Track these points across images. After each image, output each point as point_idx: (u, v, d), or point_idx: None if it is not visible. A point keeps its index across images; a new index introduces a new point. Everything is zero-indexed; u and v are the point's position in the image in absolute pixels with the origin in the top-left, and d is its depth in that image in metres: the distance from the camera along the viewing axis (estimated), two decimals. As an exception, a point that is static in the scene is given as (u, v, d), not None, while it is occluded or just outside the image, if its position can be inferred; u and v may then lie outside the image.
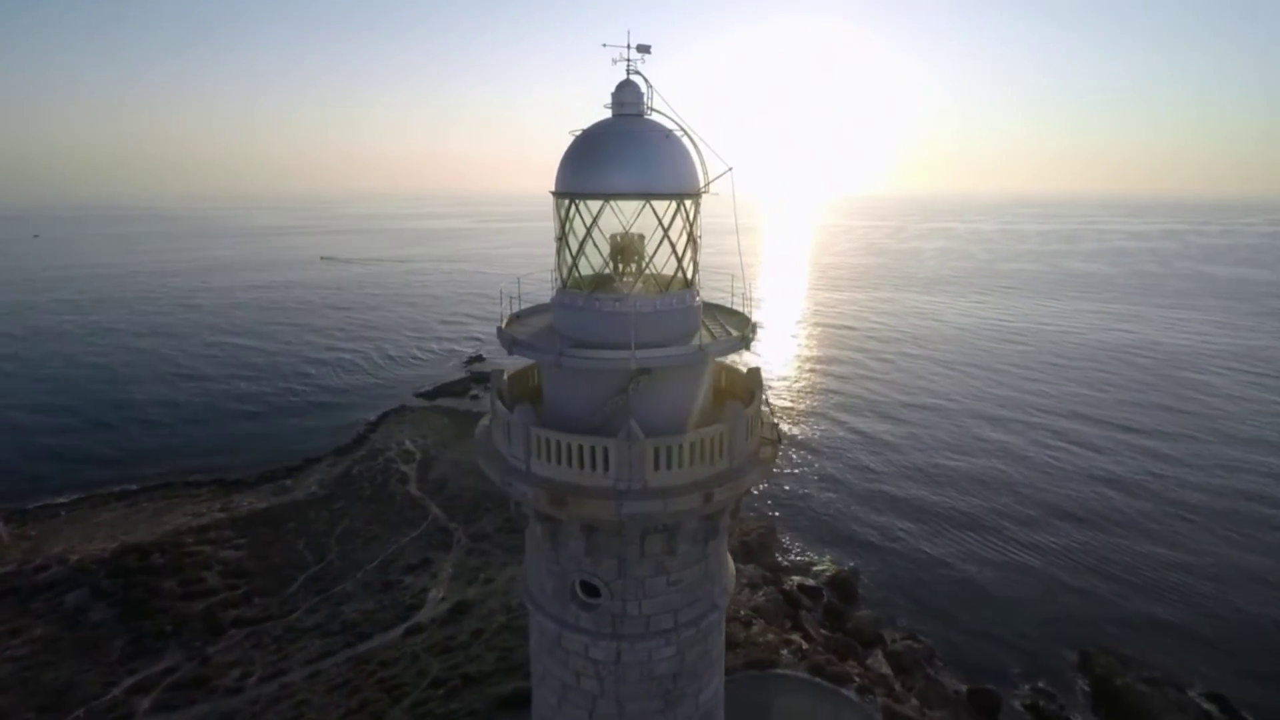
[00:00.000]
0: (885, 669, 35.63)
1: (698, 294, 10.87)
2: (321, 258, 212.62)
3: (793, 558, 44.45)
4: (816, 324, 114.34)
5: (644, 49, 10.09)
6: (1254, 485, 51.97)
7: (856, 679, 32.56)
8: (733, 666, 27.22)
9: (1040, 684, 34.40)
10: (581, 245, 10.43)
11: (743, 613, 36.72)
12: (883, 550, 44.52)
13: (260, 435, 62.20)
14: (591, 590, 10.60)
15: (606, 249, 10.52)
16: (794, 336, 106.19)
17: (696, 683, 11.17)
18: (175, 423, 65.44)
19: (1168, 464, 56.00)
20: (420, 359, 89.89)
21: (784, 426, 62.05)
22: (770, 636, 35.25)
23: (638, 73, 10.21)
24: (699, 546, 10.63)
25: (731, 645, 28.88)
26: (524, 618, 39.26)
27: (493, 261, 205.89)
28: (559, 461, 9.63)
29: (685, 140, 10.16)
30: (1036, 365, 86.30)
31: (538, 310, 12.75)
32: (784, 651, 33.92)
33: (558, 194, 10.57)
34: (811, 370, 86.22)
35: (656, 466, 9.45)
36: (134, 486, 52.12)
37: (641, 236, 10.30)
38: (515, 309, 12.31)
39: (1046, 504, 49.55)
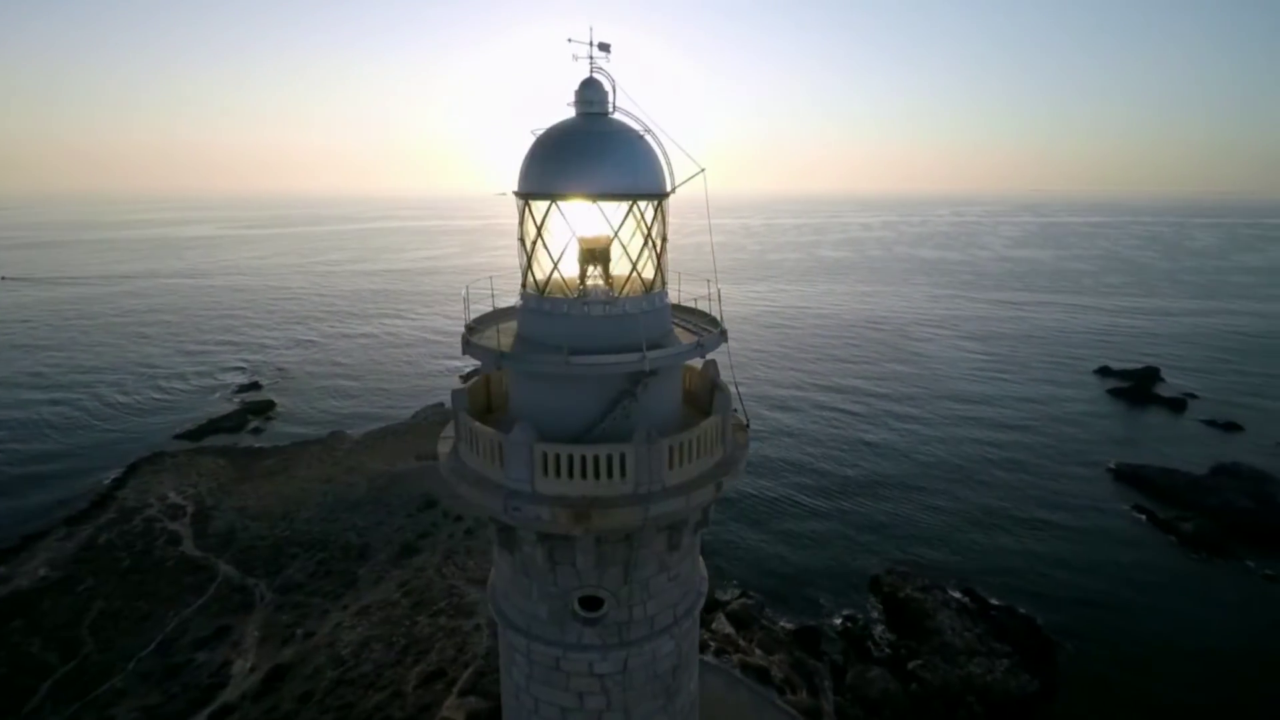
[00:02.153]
0: (728, 628, 38.80)
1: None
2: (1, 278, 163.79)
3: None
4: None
5: (604, 47, 9.91)
6: (969, 433, 64.71)
7: (711, 644, 35.15)
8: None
9: (846, 610, 40.26)
10: (564, 250, 9.94)
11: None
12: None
13: (-65, 522, 46.80)
14: (592, 604, 10.23)
15: (570, 252, 10.11)
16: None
17: (689, 671, 11.40)
18: None
19: (908, 421, 68.11)
20: (168, 399, 74.18)
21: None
22: (629, 624, 36.32)
23: (601, 69, 10.00)
24: (693, 537, 10.86)
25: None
26: (360, 667, 35.47)
27: (251, 274, 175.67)
28: (570, 475, 9.14)
29: (652, 139, 10.20)
30: (803, 344, 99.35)
31: (489, 319, 11.79)
32: (644, 635, 35.19)
33: (531, 195, 9.91)
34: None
35: (671, 465, 9.46)
36: None
37: (610, 238, 10.14)
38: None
39: (824, 470, 57.32)
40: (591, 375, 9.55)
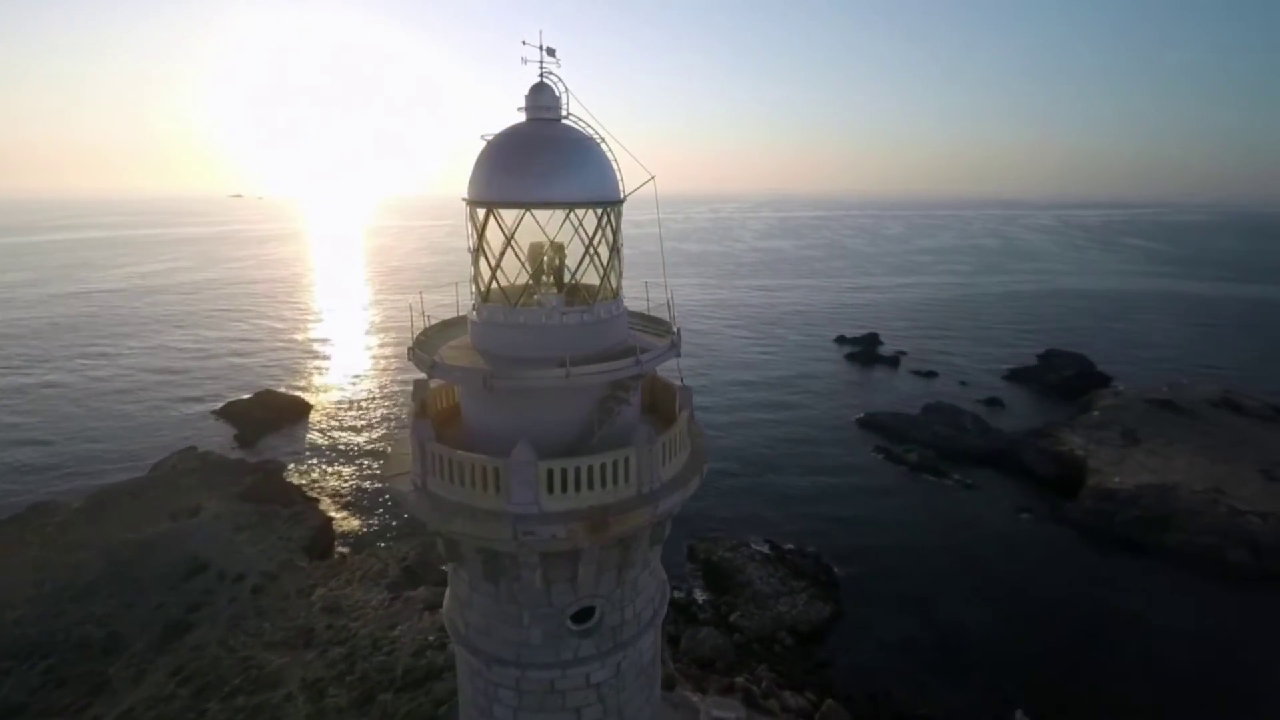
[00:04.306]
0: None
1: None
2: None
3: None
4: (389, 329, 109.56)
5: (551, 51, 9.54)
6: (749, 415, 70.43)
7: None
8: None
9: (669, 582, 43.24)
10: (541, 260, 9.38)
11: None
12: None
13: None
14: (582, 615, 9.94)
15: (524, 260, 9.63)
16: (369, 349, 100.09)
17: (659, 657, 11.65)
18: None
19: (697, 410, 73.38)
20: None
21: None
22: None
23: (552, 74, 9.60)
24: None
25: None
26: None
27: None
28: (577, 489, 8.79)
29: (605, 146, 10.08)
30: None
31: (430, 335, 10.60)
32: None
33: (497, 204, 9.16)
34: (394, 381, 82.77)
35: (663, 462, 9.61)
36: None
37: (562, 245, 9.89)
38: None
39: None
40: (581, 385, 9.35)
